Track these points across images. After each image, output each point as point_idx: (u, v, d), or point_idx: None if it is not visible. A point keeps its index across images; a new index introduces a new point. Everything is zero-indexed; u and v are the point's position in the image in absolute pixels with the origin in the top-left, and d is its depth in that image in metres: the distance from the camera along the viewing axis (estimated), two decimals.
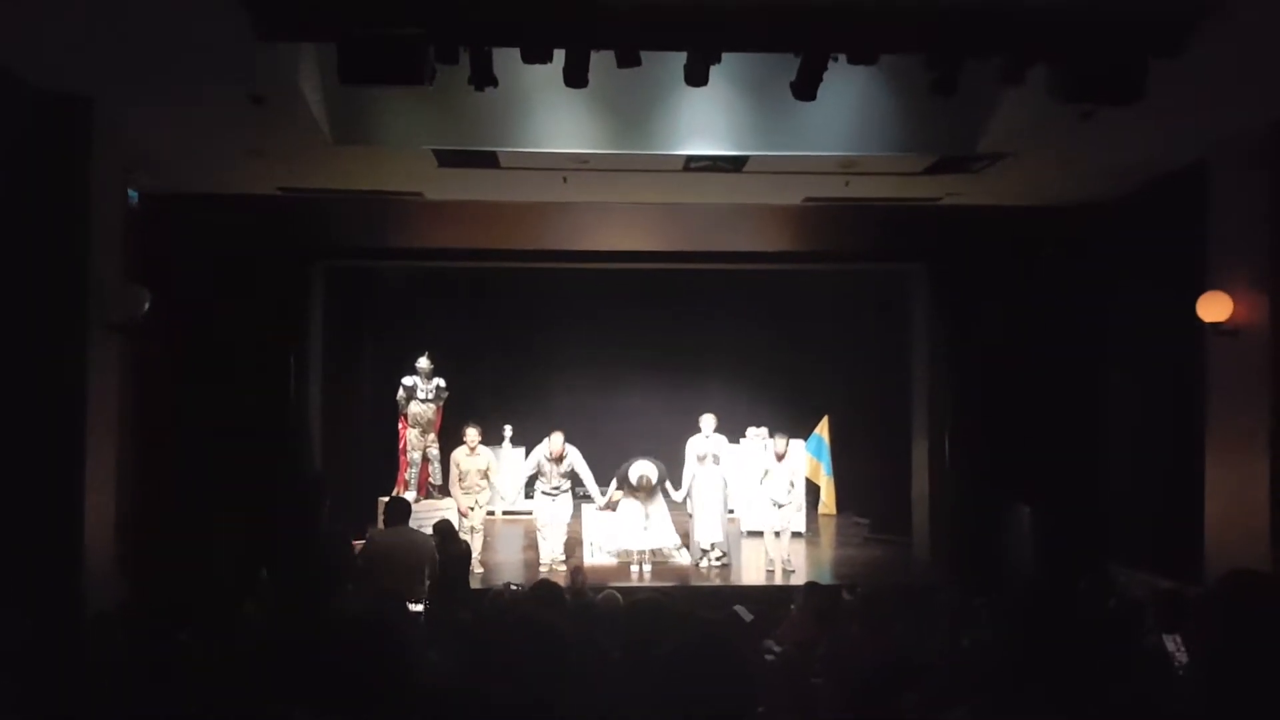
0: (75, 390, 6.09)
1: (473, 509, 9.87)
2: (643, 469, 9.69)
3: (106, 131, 6.36)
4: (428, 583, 6.95)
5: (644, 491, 9.69)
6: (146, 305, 6.63)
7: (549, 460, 9.85)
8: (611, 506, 10.09)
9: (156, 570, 7.50)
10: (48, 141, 6.07)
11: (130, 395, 7.55)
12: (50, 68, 5.73)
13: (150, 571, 7.46)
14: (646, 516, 9.71)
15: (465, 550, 8.05)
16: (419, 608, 6.56)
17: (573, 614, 4.84)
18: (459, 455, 9.99)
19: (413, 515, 10.57)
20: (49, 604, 5.45)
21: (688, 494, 9.97)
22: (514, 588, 7.13)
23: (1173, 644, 4.97)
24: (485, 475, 10.02)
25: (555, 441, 9.84)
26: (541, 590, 5.36)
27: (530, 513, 10.78)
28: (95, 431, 6.23)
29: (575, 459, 9.90)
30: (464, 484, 9.96)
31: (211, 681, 3.68)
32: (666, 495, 9.89)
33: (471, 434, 10.01)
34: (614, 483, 9.88)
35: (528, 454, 10.72)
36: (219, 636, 4.46)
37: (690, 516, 10.01)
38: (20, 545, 5.70)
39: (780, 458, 9.99)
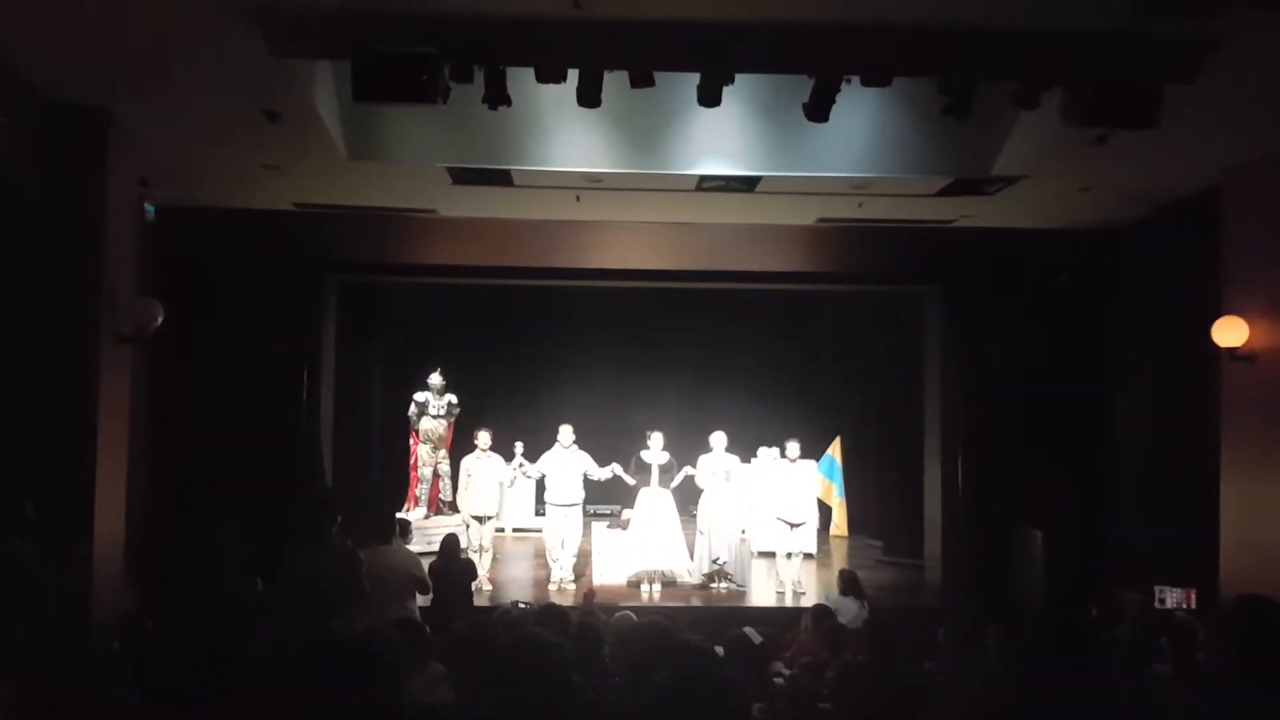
0: (87, 401, 6.13)
1: (481, 520, 9.85)
2: (654, 440, 9.92)
3: (122, 143, 6.42)
4: (418, 600, 6.84)
5: (660, 470, 9.74)
6: (160, 318, 6.67)
7: (561, 450, 9.88)
8: (622, 525, 10.08)
9: (165, 580, 7.51)
10: (63, 152, 6.13)
11: (144, 407, 7.59)
12: (67, 79, 5.79)
13: (159, 582, 7.46)
14: (659, 538, 9.69)
15: (468, 567, 8.01)
16: None
17: (578, 636, 4.81)
18: (468, 461, 9.98)
19: (423, 532, 10.62)
20: (57, 612, 5.45)
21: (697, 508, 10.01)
22: (521, 605, 7.10)
23: (1182, 669, 4.91)
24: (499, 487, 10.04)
25: (565, 433, 9.96)
26: (546, 613, 5.34)
27: (540, 530, 10.76)
28: (106, 442, 6.26)
29: (583, 456, 9.95)
30: (472, 493, 9.93)
31: (214, 693, 3.67)
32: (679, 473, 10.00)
33: (483, 437, 9.97)
34: (632, 462, 9.96)
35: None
36: (223, 648, 4.45)
37: (701, 534, 9.98)
38: (29, 553, 5.71)
39: (792, 462, 10.00)
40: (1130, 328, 9.07)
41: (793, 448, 10.05)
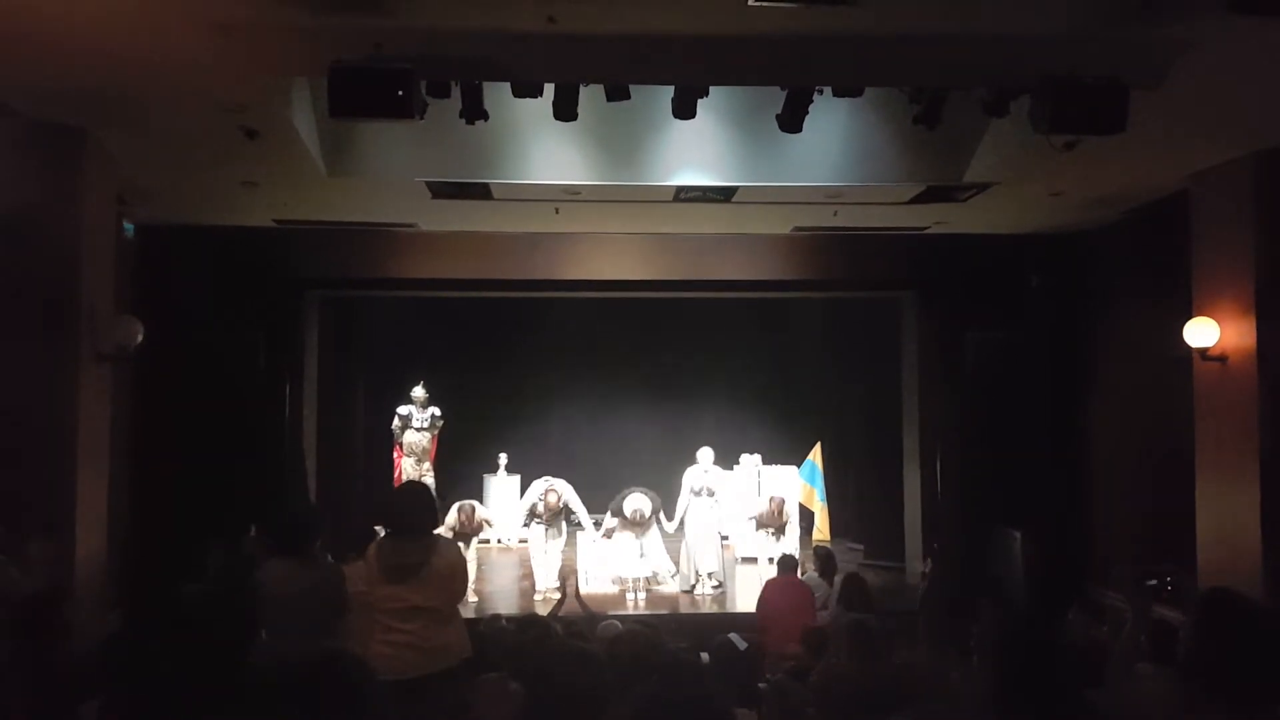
0: (66, 420, 6.11)
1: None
2: (637, 503, 9.69)
3: (98, 162, 6.42)
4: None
5: (637, 525, 9.71)
6: (139, 336, 6.66)
7: (545, 508, 9.87)
8: (606, 535, 10.10)
9: (148, 599, 7.47)
10: (39, 172, 6.13)
11: (125, 425, 7.57)
12: (42, 99, 5.78)
13: (142, 600, 7.43)
14: (641, 551, 9.73)
15: None
16: None
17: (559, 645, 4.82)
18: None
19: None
20: (37, 635, 5.42)
21: (680, 523, 10.02)
22: (504, 622, 7.08)
23: (1164, 667, 4.97)
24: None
25: (551, 498, 9.81)
26: (533, 624, 5.36)
27: (525, 541, 10.77)
28: (86, 462, 6.25)
29: (568, 495, 9.92)
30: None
31: (197, 712, 3.67)
32: (660, 525, 9.92)
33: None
34: (609, 515, 9.89)
35: (523, 483, 10.73)
36: (207, 666, 4.44)
37: (686, 544, 10.03)
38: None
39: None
40: (1103, 330, 9.20)
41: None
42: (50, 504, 6.00)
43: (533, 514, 9.96)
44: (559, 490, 9.88)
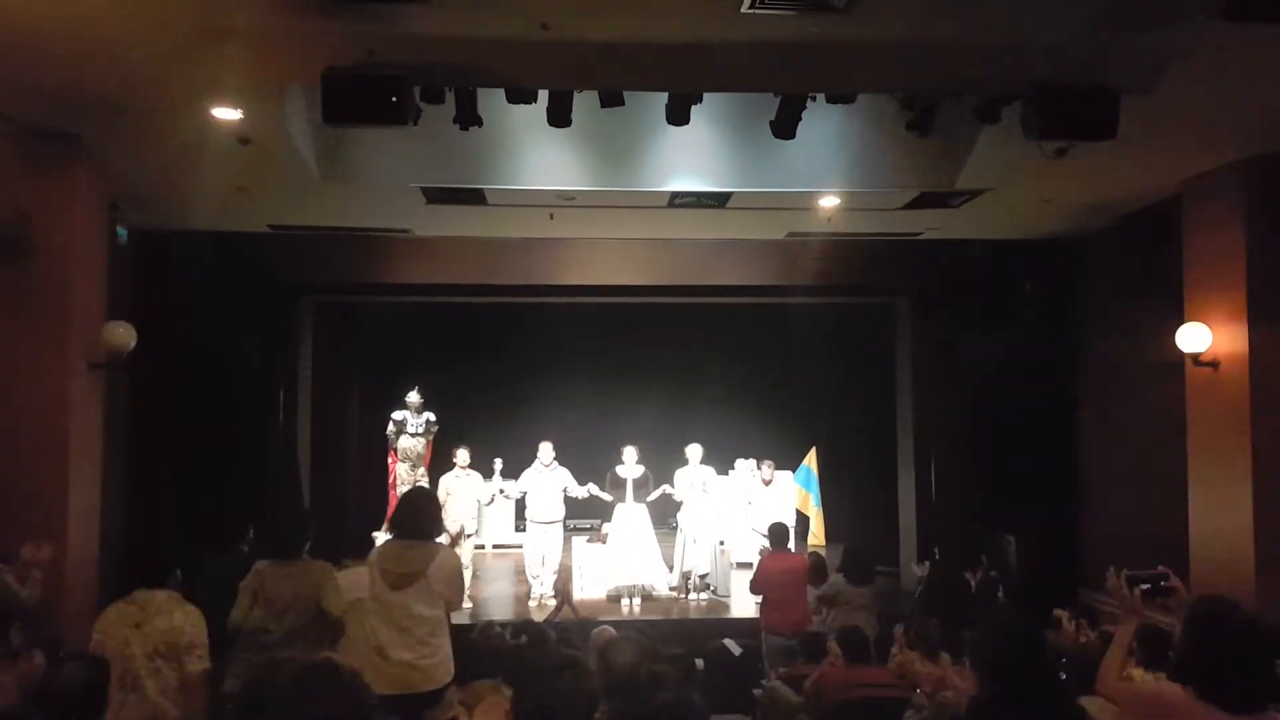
0: (59, 427, 6.10)
1: (464, 538, 9.83)
2: (628, 456, 10.01)
3: (91, 168, 6.42)
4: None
5: (629, 477, 9.82)
6: (132, 342, 6.65)
7: (541, 468, 9.87)
8: (601, 540, 10.11)
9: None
10: (32, 177, 6.13)
11: (120, 431, 7.56)
12: (35, 105, 5.78)
13: None
14: (637, 529, 9.76)
15: None
16: None
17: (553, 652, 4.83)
18: (448, 480, 9.92)
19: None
20: (28, 644, 5.41)
21: (677, 520, 10.08)
22: (498, 628, 7.09)
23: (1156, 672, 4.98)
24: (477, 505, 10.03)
25: (544, 451, 9.98)
26: (525, 629, 5.37)
27: (520, 546, 10.78)
28: (78, 469, 6.23)
29: (563, 473, 9.97)
30: (450, 511, 9.86)
31: None
32: (649, 486, 10.06)
33: (462, 455, 9.93)
34: (607, 480, 10.02)
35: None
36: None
37: (681, 535, 10.06)
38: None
39: (766, 484, 10.16)
40: (1096, 335, 9.22)
41: (766, 470, 10.62)
42: (43, 510, 5.98)
43: (522, 504, 10.02)
44: (548, 452, 10.02)
